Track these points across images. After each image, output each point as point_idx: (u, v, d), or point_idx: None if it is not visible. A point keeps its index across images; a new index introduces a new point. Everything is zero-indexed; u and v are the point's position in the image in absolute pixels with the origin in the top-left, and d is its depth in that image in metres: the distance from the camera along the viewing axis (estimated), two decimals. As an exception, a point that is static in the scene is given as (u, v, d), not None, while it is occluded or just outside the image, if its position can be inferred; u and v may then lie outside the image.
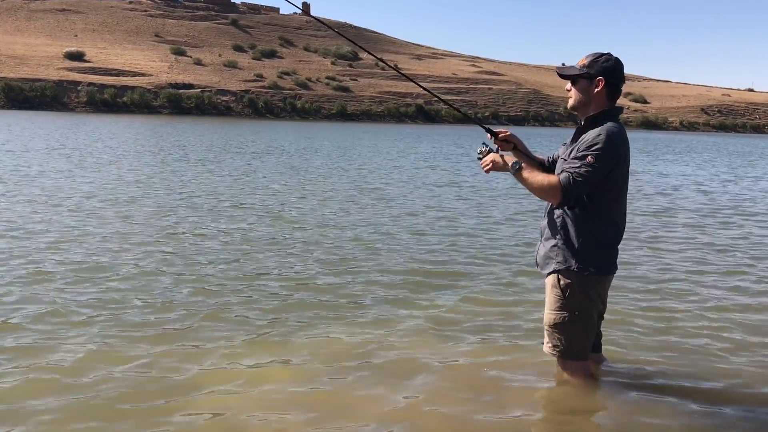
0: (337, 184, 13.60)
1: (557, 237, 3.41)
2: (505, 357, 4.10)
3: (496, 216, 9.89)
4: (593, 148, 3.20)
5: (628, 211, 3.55)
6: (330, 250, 6.98)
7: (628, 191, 3.53)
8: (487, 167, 3.46)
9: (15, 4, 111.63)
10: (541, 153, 3.82)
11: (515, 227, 8.93)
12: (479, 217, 9.69)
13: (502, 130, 3.65)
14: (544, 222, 3.54)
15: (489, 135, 3.63)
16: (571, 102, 3.45)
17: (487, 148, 3.54)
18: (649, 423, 3.31)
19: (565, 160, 3.35)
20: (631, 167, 3.53)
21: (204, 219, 8.66)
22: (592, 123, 3.34)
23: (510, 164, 3.38)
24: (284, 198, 11.05)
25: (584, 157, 3.20)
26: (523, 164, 3.37)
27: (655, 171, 20.68)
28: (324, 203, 10.59)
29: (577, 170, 3.19)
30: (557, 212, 3.41)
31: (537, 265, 3.60)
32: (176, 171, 14.75)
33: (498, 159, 3.44)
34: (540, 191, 3.29)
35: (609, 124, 3.29)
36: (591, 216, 3.32)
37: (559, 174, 3.27)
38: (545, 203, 3.51)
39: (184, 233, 7.64)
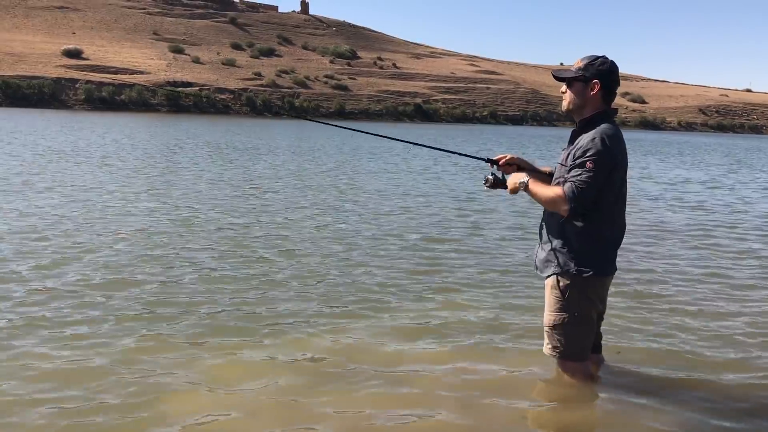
0: (329, 185, 13.60)
1: (556, 240, 3.43)
2: (504, 359, 4.13)
3: (493, 218, 9.90)
4: (589, 154, 3.23)
5: (627, 213, 3.57)
6: (317, 252, 6.96)
7: (628, 192, 3.55)
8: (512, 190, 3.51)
9: (13, 1, 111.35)
10: (548, 165, 3.83)
11: (512, 230, 8.94)
12: (474, 220, 9.70)
13: (501, 156, 3.69)
14: (543, 225, 3.56)
15: (490, 165, 3.66)
16: (565, 104, 3.48)
17: (493, 177, 3.58)
18: (649, 424, 3.33)
19: (563, 164, 3.38)
20: (629, 171, 3.54)
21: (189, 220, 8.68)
22: (588, 125, 3.38)
23: (518, 184, 3.44)
24: (283, 197, 11.07)
25: (583, 164, 3.23)
26: (528, 181, 3.42)
27: (654, 171, 20.71)
28: (318, 204, 10.60)
29: (579, 178, 3.22)
30: (555, 215, 3.43)
31: (536, 268, 3.62)
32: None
33: (516, 184, 3.46)
34: (548, 204, 3.34)
35: (603, 126, 3.32)
36: (589, 218, 3.34)
37: (562, 185, 3.30)
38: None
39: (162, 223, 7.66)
